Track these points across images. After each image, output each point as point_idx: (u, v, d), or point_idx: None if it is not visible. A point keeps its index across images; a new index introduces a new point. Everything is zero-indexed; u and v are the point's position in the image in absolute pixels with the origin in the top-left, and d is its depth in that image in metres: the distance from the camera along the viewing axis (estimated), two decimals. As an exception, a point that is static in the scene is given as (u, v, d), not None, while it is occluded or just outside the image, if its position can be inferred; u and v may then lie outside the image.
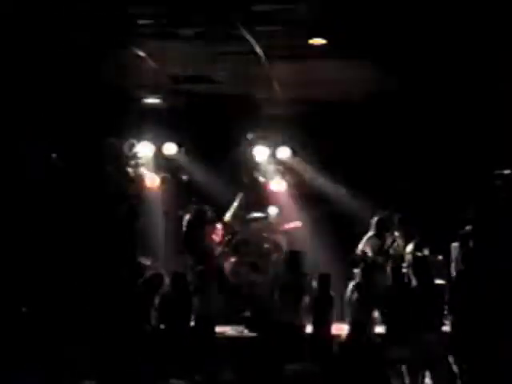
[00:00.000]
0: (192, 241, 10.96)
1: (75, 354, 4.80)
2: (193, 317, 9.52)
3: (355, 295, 9.50)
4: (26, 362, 5.02)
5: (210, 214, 11.99)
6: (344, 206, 12.17)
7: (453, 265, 10.19)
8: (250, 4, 7.60)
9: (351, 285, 9.37)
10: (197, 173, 12.68)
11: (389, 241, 11.08)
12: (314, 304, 9.25)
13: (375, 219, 11.04)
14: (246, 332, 10.17)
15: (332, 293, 9.39)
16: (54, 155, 11.62)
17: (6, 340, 7.55)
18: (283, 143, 12.55)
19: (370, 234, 11.04)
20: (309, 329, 9.29)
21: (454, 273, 9.89)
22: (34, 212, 10.69)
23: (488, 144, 11.21)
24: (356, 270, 10.33)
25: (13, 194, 10.55)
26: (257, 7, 7.65)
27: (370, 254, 10.97)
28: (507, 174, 11.21)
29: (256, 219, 12.10)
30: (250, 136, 12.56)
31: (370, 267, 10.29)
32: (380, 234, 10.97)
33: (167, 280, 9.65)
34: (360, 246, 11.01)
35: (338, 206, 12.23)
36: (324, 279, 9.34)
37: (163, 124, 11.95)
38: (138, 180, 12.34)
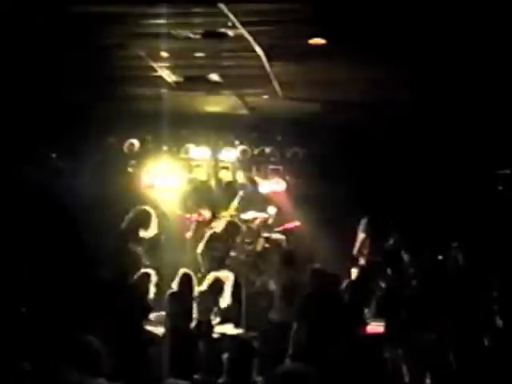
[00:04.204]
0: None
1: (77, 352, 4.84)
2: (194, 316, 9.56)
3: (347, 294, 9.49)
4: (28, 360, 5.02)
5: (207, 213, 12.08)
6: (343, 206, 12.18)
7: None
8: (249, 4, 7.60)
9: (344, 284, 9.37)
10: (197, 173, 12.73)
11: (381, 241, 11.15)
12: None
13: (365, 219, 11.13)
14: (245, 332, 10.18)
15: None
16: (53, 155, 11.64)
17: (7, 340, 7.56)
18: (283, 143, 12.56)
19: (362, 234, 11.12)
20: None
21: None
22: (34, 212, 10.69)
23: (488, 145, 11.24)
24: (353, 270, 10.36)
25: (12, 194, 10.55)
26: (256, 7, 7.65)
27: (366, 254, 11.07)
28: (507, 175, 11.25)
29: (255, 219, 12.12)
30: (249, 136, 12.59)
31: (363, 267, 10.32)
32: (372, 234, 11.07)
33: (154, 279, 9.65)
34: (356, 247, 11.11)
35: (337, 206, 12.24)
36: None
37: (163, 124, 11.95)
38: (138, 180, 12.36)
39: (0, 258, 9.86)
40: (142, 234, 10.34)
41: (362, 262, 11.17)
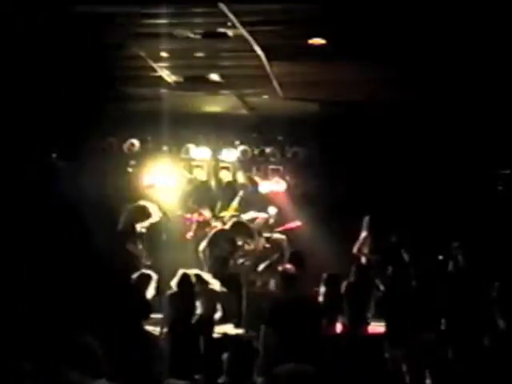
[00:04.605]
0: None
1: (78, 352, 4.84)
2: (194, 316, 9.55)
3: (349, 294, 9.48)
4: (30, 359, 5.02)
5: (208, 214, 12.08)
6: (344, 206, 12.17)
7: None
8: (249, 4, 7.61)
9: (345, 283, 9.36)
10: (197, 173, 12.74)
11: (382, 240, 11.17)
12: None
13: (367, 218, 11.14)
14: (245, 332, 10.17)
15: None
16: (54, 155, 11.64)
17: (7, 340, 7.56)
18: (283, 143, 12.56)
19: (364, 233, 11.15)
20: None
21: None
22: (34, 212, 10.69)
23: (489, 145, 11.25)
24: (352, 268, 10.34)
25: (12, 193, 10.55)
26: (256, 7, 7.66)
27: (366, 252, 11.09)
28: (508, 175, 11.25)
29: (255, 219, 12.12)
30: (249, 136, 12.59)
31: (364, 266, 10.29)
32: (374, 234, 11.10)
33: (155, 279, 9.63)
34: (356, 246, 11.12)
35: (337, 206, 12.24)
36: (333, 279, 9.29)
37: (163, 124, 11.96)
38: (138, 180, 12.36)
39: (0, 258, 9.86)
40: (142, 224, 10.33)
41: (362, 260, 11.17)
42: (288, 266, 9.06)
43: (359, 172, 12.03)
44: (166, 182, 12.43)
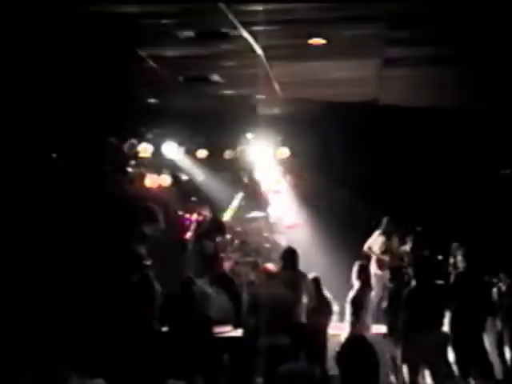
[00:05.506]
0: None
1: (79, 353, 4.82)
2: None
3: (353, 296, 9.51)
4: (29, 361, 5.03)
5: (208, 214, 12.07)
6: (344, 206, 12.19)
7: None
8: (249, 4, 7.61)
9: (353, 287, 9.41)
10: (197, 173, 12.74)
11: (395, 241, 11.19)
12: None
13: (385, 219, 11.19)
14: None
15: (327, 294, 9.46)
16: (54, 155, 11.63)
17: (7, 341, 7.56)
18: (283, 143, 12.56)
19: (378, 232, 11.19)
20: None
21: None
22: (34, 212, 10.69)
23: (491, 146, 11.27)
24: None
25: (13, 194, 10.55)
26: (257, 7, 7.65)
27: (376, 251, 11.12)
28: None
29: (256, 219, 12.13)
30: (249, 136, 12.58)
31: (366, 268, 10.31)
32: (388, 234, 11.15)
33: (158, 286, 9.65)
34: (367, 243, 11.17)
35: (337, 205, 12.25)
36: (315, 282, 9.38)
37: (163, 124, 11.97)
38: (138, 180, 12.36)
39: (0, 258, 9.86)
40: (148, 229, 10.35)
41: (372, 259, 11.21)
42: (269, 264, 9.16)
43: (360, 172, 12.04)
44: (167, 182, 12.44)
